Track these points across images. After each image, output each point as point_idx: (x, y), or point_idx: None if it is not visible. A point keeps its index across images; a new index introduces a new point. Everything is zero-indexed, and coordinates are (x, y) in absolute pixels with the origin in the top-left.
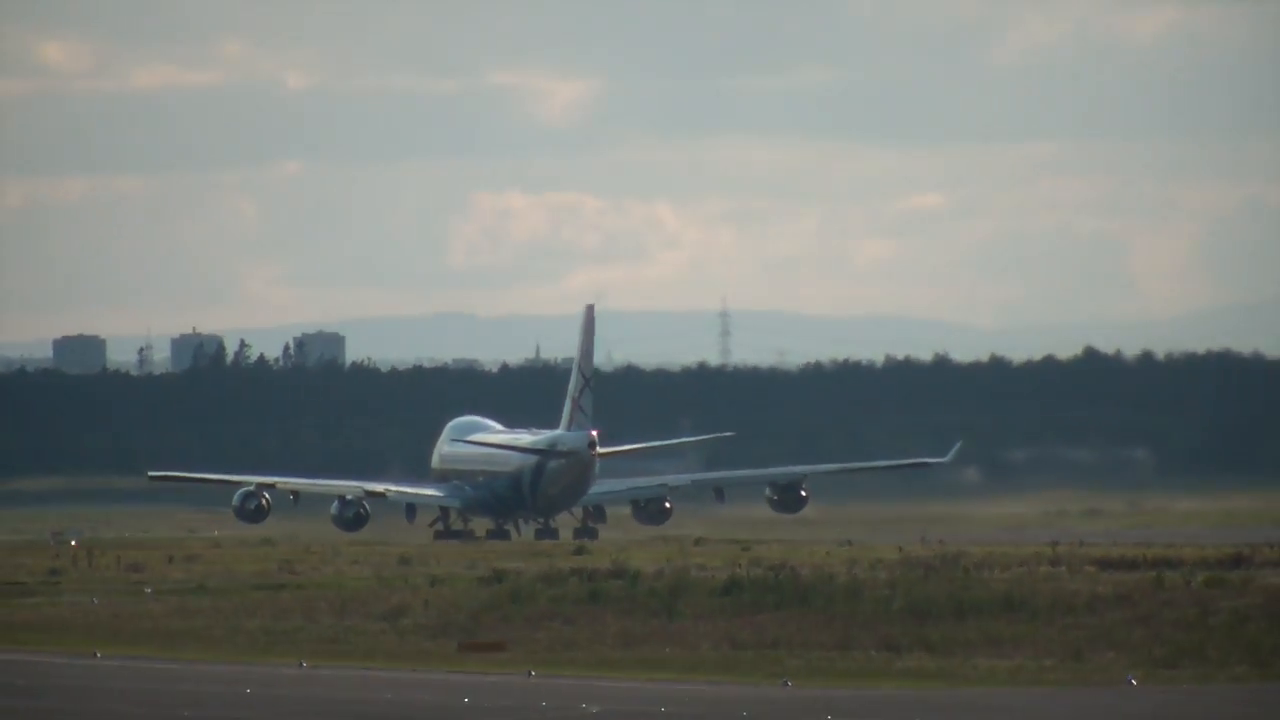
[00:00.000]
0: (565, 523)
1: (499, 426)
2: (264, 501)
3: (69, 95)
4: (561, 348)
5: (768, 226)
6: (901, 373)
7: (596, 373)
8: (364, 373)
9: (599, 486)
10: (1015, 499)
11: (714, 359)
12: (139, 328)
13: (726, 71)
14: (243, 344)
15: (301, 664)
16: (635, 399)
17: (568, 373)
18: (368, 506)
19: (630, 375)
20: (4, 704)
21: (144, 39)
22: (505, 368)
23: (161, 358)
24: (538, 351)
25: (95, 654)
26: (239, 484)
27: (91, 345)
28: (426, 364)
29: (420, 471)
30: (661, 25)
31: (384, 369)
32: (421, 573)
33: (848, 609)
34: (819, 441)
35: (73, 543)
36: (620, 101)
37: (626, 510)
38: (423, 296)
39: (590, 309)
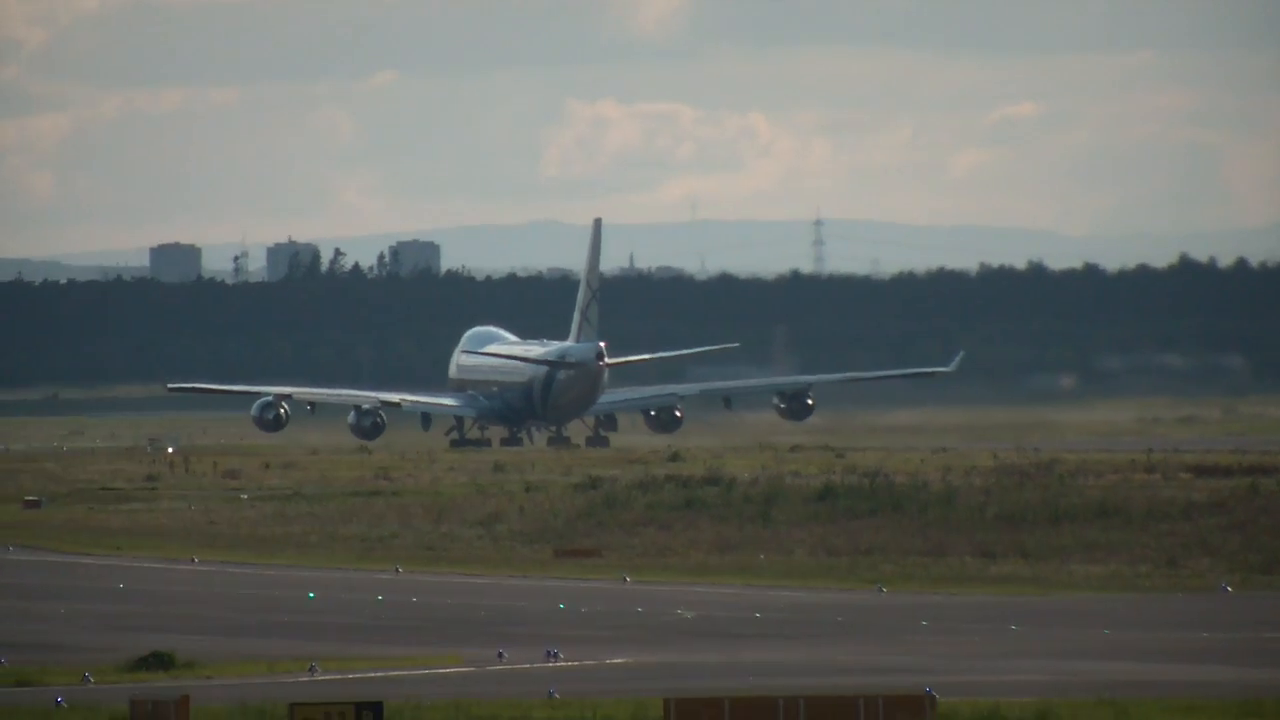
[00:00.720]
0: (577, 431)
1: (513, 338)
2: (282, 411)
3: (164, 6)
4: (655, 257)
5: (861, 137)
6: (995, 281)
7: (691, 280)
8: (458, 281)
9: (610, 395)
10: (1110, 406)
11: (807, 267)
12: (234, 236)
13: None
14: (337, 253)
15: (398, 570)
16: (730, 306)
17: (663, 282)
18: (384, 415)
19: (725, 283)
20: (102, 608)
21: None
22: (600, 277)
23: (257, 266)
24: (631, 260)
25: (193, 559)
26: (258, 394)
27: (187, 254)
28: (521, 273)
29: None
30: None
31: (479, 277)
32: (517, 479)
33: (942, 516)
34: (911, 349)
35: (169, 449)
36: (714, 12)
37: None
38: (517, 205)
39: (598, 223)
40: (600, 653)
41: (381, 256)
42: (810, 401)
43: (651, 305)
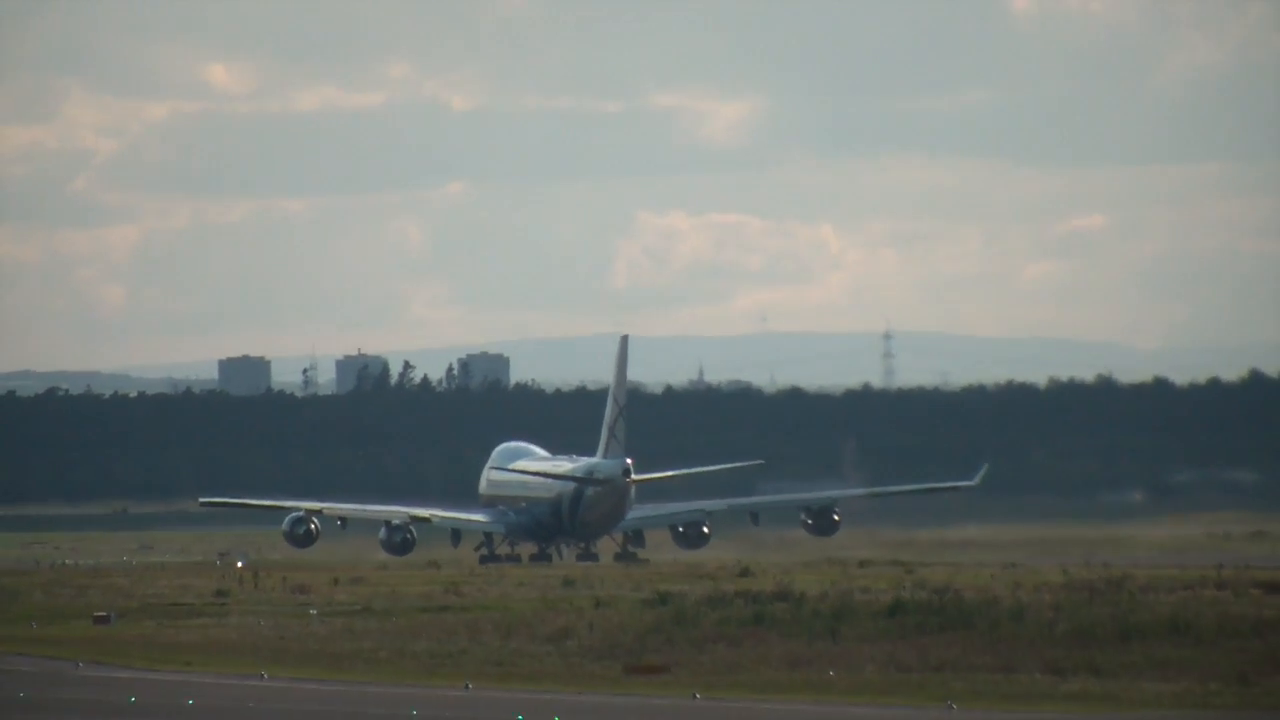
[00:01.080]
0: (606, 547)
1: (543, 453)
2: (313, 526)
3: (234, 116)
4: (725, 369)
5: (930, 248)
6: (1065, 394)
7: (760, 393)
8: (528, 393)
9: (638, 511)
10: (1180, 521)
11: (877, 380)
12: (303, 349)
13: (889, 92)
14: (406, 365)
15: (467, 686)
16: (799, 419)
17: (732, 395)
18: (414, 531)
19: (793, 397)
20: None
21: (308, 60)
22: (669, 389)
23: (326, 379)
24: (701, 373)
25: (261, 675)
26: (289, 509)
27: (256, 366)
28: (590, 385)
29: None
30: (824, 47)
31: (548, 390)
32: (586, 595)
33: (1012, 632)
34: (980, 461)
35: (239, 564)
36: (783, 122)
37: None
38: (586, 317)
39: (624, 340)
40: None
41: (450, 369)
42: (836, 517)
43: (720, 418)
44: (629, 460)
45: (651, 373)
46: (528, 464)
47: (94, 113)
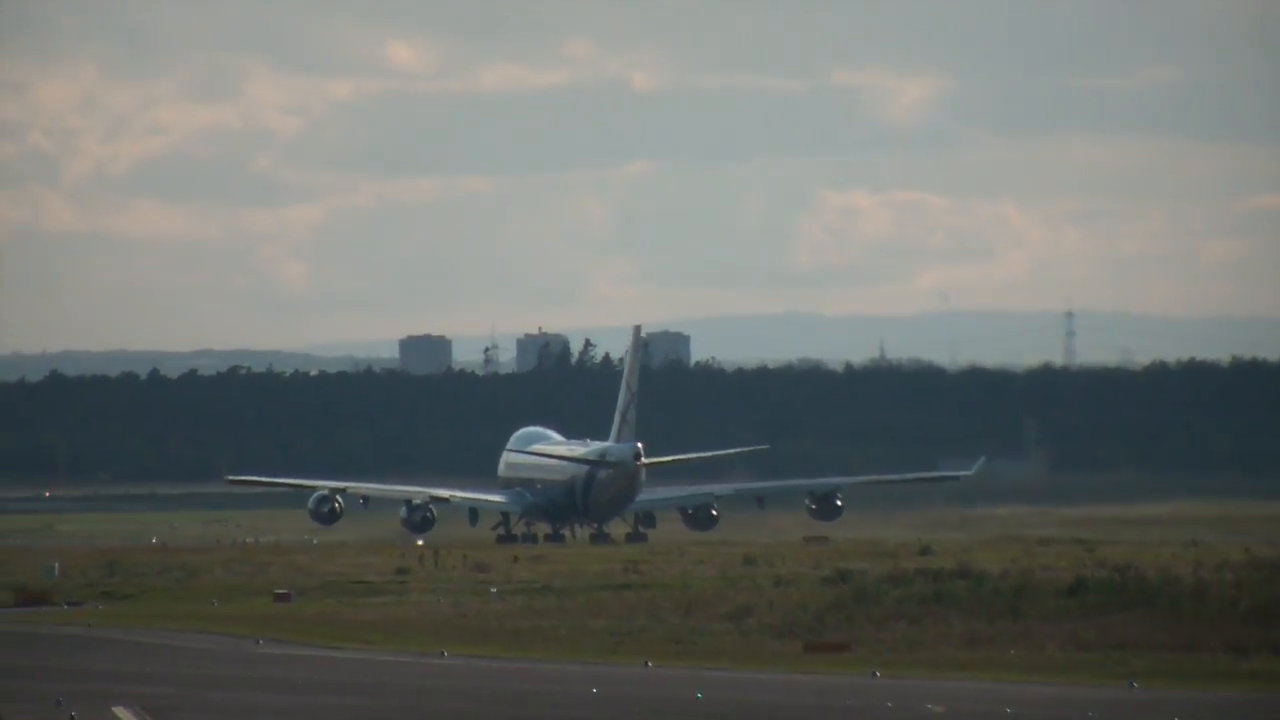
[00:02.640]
0: (617, 528)
1: (559, 437)
2: (336, 505)
3: (416, 95)
4: (906, 348)
5: (1112, 225)
6: (1248, 372)
7: (942, 371)
8: (708, 372)
9: (649, 494)
10: None
11: (1058, 359)
12: (484, 327)
13: (1071, 70)
14: (587, 343)
15: (647, 664)
16: (980, 398)
17: (913, 373)
18: (434, 510)
19: (975, 375)
20: (352, 702)
21: (491, 39)
22: (849, 368)
23: (507, 358)
24: (882, 351)
25: (442, 653)
26: (313, 488)
27: (437, 345)
28: (771, 364)
29: (766, 466)
30: (1006, 24)
31: (728, 369)
32: (766, 573)
33: (1193, 610)
34: (1162, 440)
35: (419, 542)
36: (964, 100)
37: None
38: (768, 295)
39: (637, 330)
40: None
41: None
42: (840, 502)
43: (902, 396)
44: (639, 445)
45: (833, 350)
46: (544, 447)
47: (277, 91)
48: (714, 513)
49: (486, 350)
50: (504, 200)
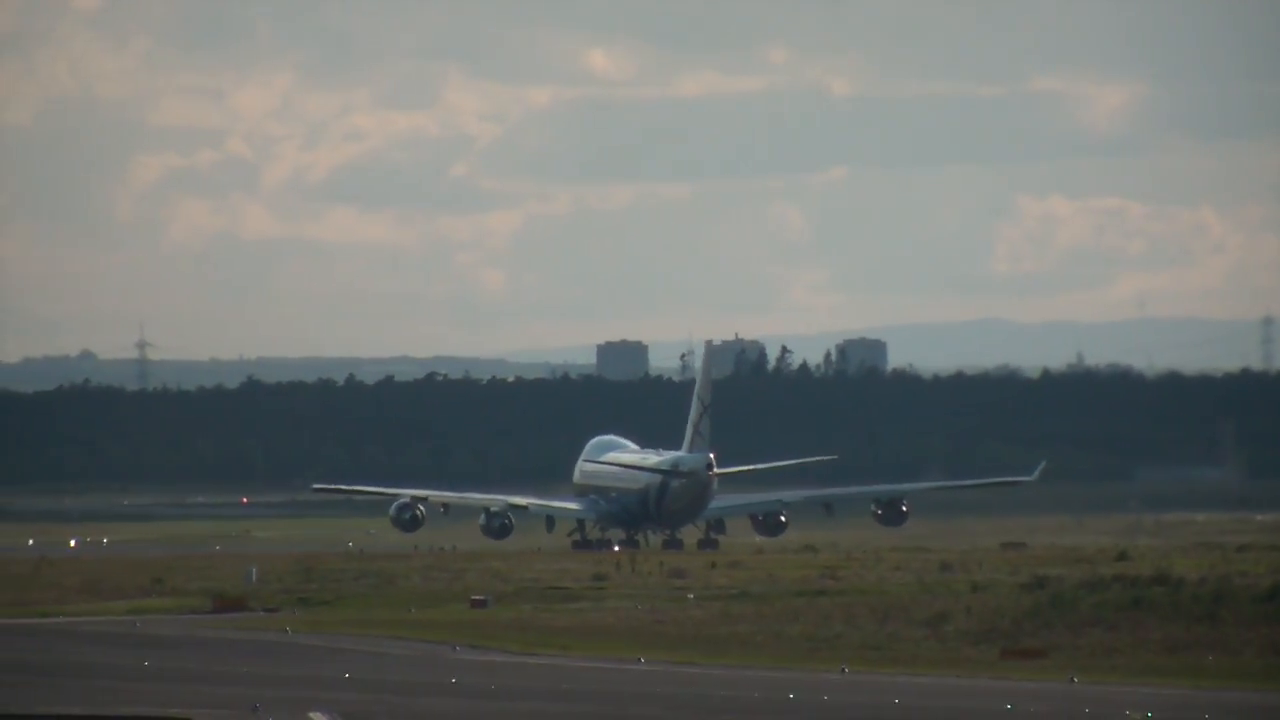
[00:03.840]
0: (690, 534)
1: (633, 446)
2: (418, 512)
3: (614, 102)
4: (1103, 354)
5: None
6: None
7: (1140, 377)
8: (905, 379)
9: (720, 501)
10: None
11: (1256, 364)
12: (681, 333)
13: (1270, 76)
14: (784, 350)
15: (844, 670)
16: (1177, 404)
17: (1110, 378)
18: (512, 518)
19: (1173, 381)
20: (548, 708)
21: (689, 46)
22: (1046, 374)
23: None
24: (1080, 358)
25: (639, 659)
26: (394, 496)
27: (634, 351)
28: (968, 370)
29: (963, 470)
30: (1205, 29)
31: (925, 375)
32: (963, 578)
33: None
34: None
35: (615, 548)
36: (1163, 106)
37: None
38: (964, 302)
39: (709, 344)
40: None
41: (828, 354)
42: (905, 509)
43: (1099, 402)
44: (711, 455)
45: (1030, 357)
46: (618, 456)
47: (475, 99)
48: (783, 519)
49: (683, 356)
50: (701, 206)
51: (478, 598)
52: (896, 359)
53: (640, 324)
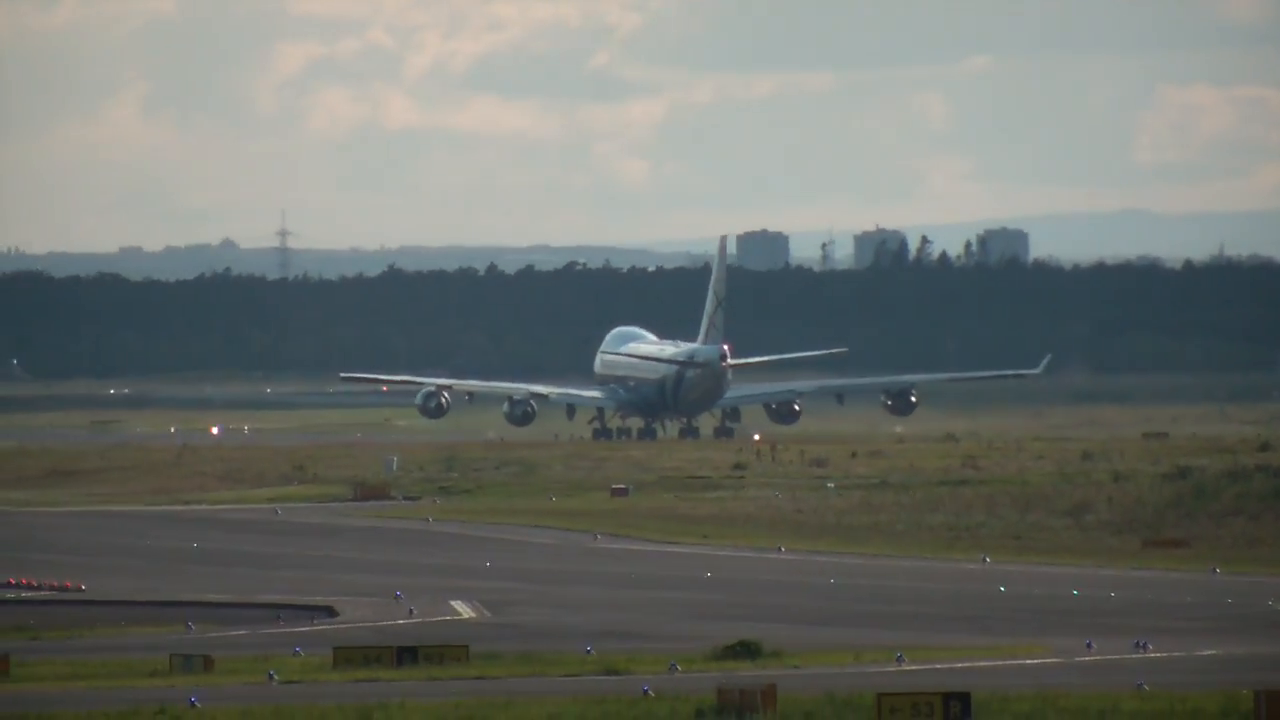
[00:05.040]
0: (706, 422)
1: (653, 338)
2: (443, 400)
3: None
4: (1247, 244)
5: None
6: None
7: None
8: (1046, 270)
9: (736, 391)
10: None
11: None
12: (822, 223)
13: None
14: (925, 240)
15: (984, 559)
16: None
17: (1253, 269)
18: (534, 405)
19: None
20: (688, 596)
21: None
22: (1188, 265)
23: (844, 254)
24: (1221, 249)
25: (779, 548)
26: (421, 384)
27: (775, 241)
28: (1109, 260)
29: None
30: None
31: (1066, 266)
32: (1104, 469)
33: None
34: None
35: (755, 436)
36: None
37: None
38: (1106, 192)
39: (724, 240)
40: (1189, 644)
41: (969, 245)
42: (914, 399)
43: (1241, 293)
44: (725, 346)
45: (1171, 247)
46: (637, 347)
47: None
48: (796, 408)
49: (824, 246)
50: (844, 96)
51: (619, 486)
52: (1038, 250)
53: (781, 214)
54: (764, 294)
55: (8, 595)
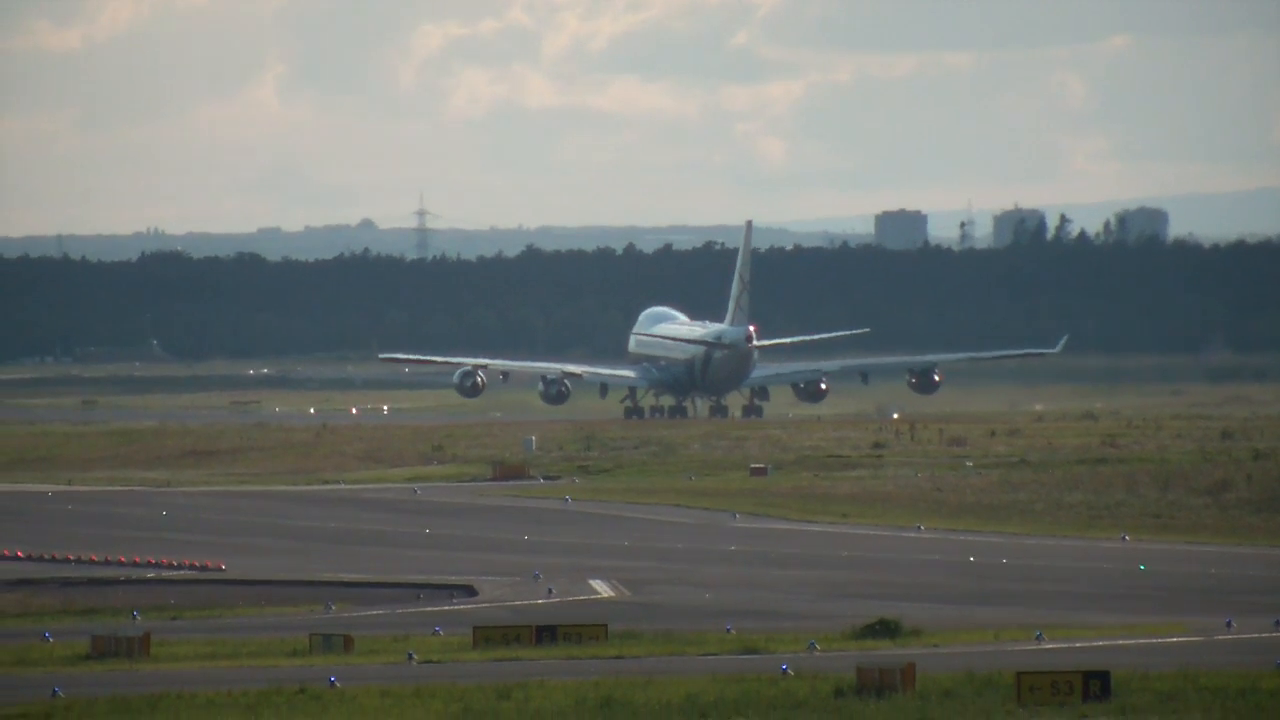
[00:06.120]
0: (734, 400)
1: (684, 318)
2: (479, 380)
3: None
4: None
5: None
6: None
7: None
8: (1185, 248)
9: (763, 370)
10: None
11: None
12: (961, 203)
13: None
14: (1063, 219)
15: (1124, 538)
16: None
17: None
18: (569, 384)
19: None
20: (827, 575)
21: None
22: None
23: (983, 233)
24: None
25: (918, 527)
26: (458, 364)
27: (913, 220)
28: (1249, 239)
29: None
30: None
31: (1205, 245)
32: (1245, 447)
33: None
34: None
35: (894, 415)
36: None
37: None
38: (1247, 171)
39: (749, 225)
40: None
41: (1108, 224)
42: (937, 378)
43: None
44: (751, 327)
45: None
46: (667, 328)
47: None
48: (823, 387)
49: (962, 225)
50: (982, 76)
51: (757, 465)
52: (1177, 228)
53: (920, 193)
54: (902, 273)
55: (148, 574)
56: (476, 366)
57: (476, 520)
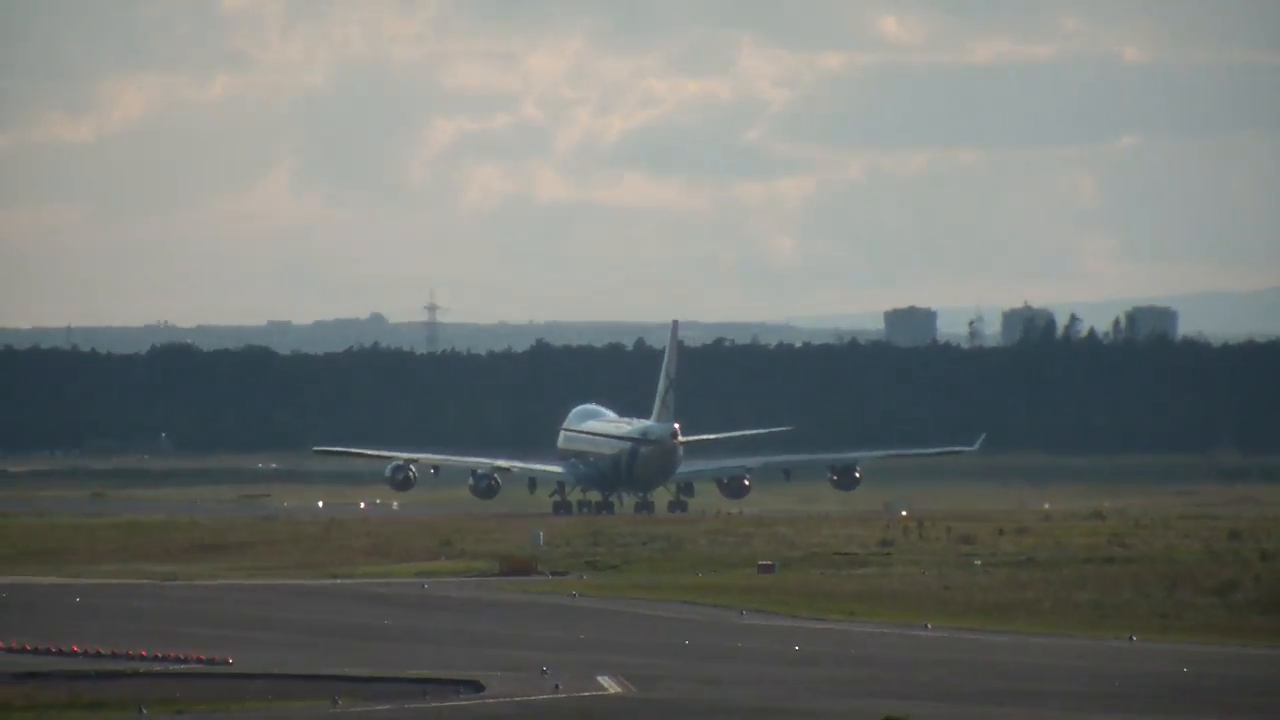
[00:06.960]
0: (661, 496)
1: (612, 415)
2: (410, 474)
3: (908, 68)
4: None
5: None
6: None
7: None
8: (1194, 348)
9: (688, 466)
10: None
11: None
12: (970, 300)
13: None
14: (1073, 318)
15: (1131, 638)
16: None
17: None
18: (499, 479)
19: None
20: (835, 673)
21: (982, 12)
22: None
23: (992, 331)
24: None
25: (926, 625)
26: (390, 458)
27: (922, 317)
28: (1258, 338)
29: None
30: None
31: (1214, 343)
32: (1252, 547)
33: None
34: None
35: (902, 513)
36: None
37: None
38: (1257, 270)
39: (675, 324)
40: None
41: (1117, 323)
42: (858, 475)
43: None
44: (676, 425)
45: None
46: (595, 425)
47: (767, 64)
48: (746, 483)
49: (971, 323)
50: (993, 174)
51: (765, 563)
52: (1187, 327)
53: (929, 290)
54: (910, 370)
55: (155, 668)
56: (408, 460)
57: (484, 615)
